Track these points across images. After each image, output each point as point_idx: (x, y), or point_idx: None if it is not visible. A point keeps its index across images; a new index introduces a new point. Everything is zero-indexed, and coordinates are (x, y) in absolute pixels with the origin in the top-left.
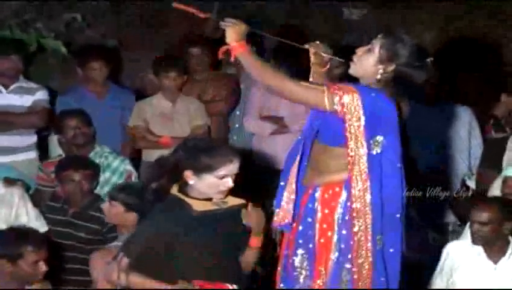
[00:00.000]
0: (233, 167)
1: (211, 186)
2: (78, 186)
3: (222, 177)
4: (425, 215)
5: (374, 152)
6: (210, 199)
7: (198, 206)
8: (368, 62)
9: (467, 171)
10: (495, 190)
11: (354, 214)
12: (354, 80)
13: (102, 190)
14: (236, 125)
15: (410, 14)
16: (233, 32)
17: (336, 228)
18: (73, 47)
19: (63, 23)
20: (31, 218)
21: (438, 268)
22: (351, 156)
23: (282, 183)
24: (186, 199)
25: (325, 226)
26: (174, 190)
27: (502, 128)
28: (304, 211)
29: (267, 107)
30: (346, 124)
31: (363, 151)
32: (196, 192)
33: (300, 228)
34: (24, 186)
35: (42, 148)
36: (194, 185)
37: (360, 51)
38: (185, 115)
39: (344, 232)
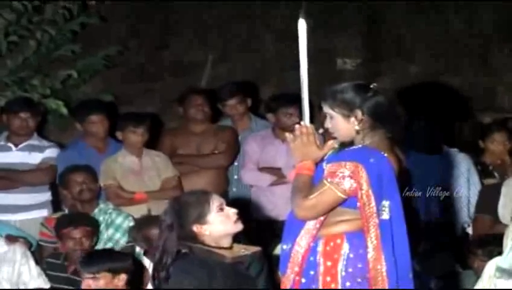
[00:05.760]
0: (217, 196)
1: (223, 221)
2: (78, 243)
3: (221, 209)
4: (427, 263)
5: (383, 217)
6: (231, 248)
7: (228, 254)
8: (340, 126)
9: (467, 219)
10: (509, 236)
11: (372, 282)
12: None
13: (106, 247)
14: (235, 177)
15: (402, 65)
16: (307, 151)
17: (339, 280)
18: (70, 103)
19: (59, 80)
20: (33, 275)
21: None
22: (366, 225)
23: (285, 247)
24: (215, 250)
25: (328, 279)
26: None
27: (491, 174)
28: (305, 264)
29: (264, 158)
30: (359, 194)
31: (376, 217)
32: (216, 239)
33: (304, 280)
34: (27, 243)
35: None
36: (210, 232)
37: (327, 124)
38: (153, 168)
39: (348, 284)
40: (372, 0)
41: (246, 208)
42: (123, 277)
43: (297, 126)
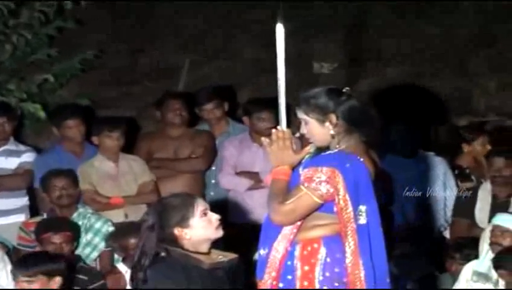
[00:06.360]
0: (202, 201)
1: (205, 226)
2: (58, 249)
3: (205, 213)
4: (405, 267)
5: (361, 222)
6: (209, 253)
7: (206, 259)
8: (315, 131)
9: (443, 222)
10: (486, 240)
11: (350, 286)
12: None
13: (84, 251)
14: (213, 181)
15: (379, 68)
16: (283, 155)
17: (317, 285)
18: (47, 107)
19: (35, 84)
20: (10, 280)
21: None
22: (343, 230)
23: (262, 252)
24: (193, 255)
25: (306, 283)
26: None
27: (468, 177)
28: (283, 269)
29: (242, 162)
30: (336, 199)
31: (353, 222)
32: (195, 244)
33: (281, 285)
34: (4, 248)
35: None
36: (191, 236)
37: (302, 130)
38: (129, 173)
39: (325, 288)
40: (350, 2)
41: (223, 212)
42: (58, 280)
43: (273, 131)
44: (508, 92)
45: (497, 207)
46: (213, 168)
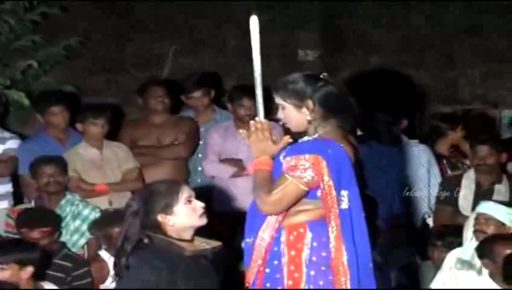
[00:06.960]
0: (187, 188)
1: (189, 213)
2: (36, 242)
3: (189, 201)
4: (388, 255)
5: (343, 207)
6: (192, 241)
7: (189, 247)
8: (292, 116)
9: (427, 210)
10: (470, 227)
11: (334, 270)
12: None
13: (72, 238)
14: (199, 168)
15: (363, 56)
16: (262, 146)
17: (303, 269)
18: (31, 94)
19: (19, 70)
20: None
21: None
22: (328, 215)
23: (248, 240)
24: (176, 242)
25: (292, 268)
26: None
27: (456, 165)
28: (269, 254)
29: (226, 150)
30: (321, 185)
31: (336, 207)
32: (179, 231)
33: (268, 270)
34: None
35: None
36: (174, 223)
37: (279, 116)
38: (114, 160)
39: (312, 273)
40: None
41: (210, 199)
42: (29, 270)
43: (252, 122)
44: (492, 81)
45: (481, 195)
46: (199, 155)
